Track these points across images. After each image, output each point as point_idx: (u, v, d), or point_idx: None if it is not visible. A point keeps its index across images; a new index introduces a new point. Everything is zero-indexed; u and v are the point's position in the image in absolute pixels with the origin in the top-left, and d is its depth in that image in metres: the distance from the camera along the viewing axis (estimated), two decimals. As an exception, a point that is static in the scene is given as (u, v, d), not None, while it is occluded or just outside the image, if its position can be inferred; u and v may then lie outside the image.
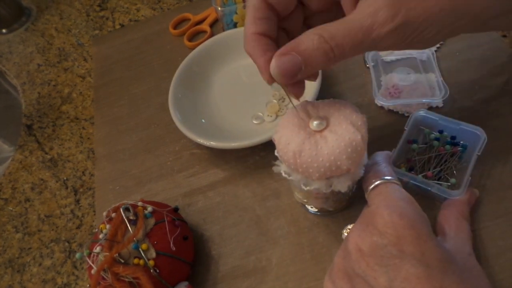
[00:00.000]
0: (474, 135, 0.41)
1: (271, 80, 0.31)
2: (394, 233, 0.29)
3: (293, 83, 0.32)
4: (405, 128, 0.43)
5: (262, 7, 0.32)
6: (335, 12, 0.34)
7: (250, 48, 0.32)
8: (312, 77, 0.35)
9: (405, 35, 0.29)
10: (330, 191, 0.33)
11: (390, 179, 0.34)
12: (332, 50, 0.29)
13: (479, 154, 0.39)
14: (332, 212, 0.42)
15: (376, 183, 0.34)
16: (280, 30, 0.35)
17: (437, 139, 0.43)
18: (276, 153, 0.35)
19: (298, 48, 0.29)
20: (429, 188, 0.39)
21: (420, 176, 0.40)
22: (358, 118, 0.33)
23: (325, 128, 0.32)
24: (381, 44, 0.29)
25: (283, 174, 0.34)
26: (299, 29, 0.36)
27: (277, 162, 0.36)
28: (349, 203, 0.42)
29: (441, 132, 0.43)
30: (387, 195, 0.32)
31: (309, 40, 0.29)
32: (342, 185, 0.33)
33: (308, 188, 0.33)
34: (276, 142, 0.34)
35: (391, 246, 0.29)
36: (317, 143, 0.32)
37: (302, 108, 0.34)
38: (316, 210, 0.42)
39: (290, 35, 0.36)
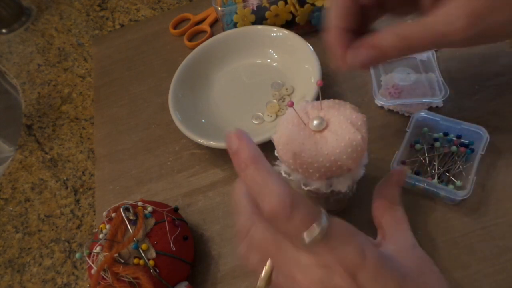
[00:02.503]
0: (477, 135, 0.41)
1: (346, 67, 0.36)
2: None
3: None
4: (407, 130, 0.43)
5: (347, 3, 0.35)
6: (409, 7, 0.37)
7: (332, 40, 0.36)
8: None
9: (476, 42, 0.31)
10: (330, 191, 0.33)
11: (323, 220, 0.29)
12: (406, 48, 0.33)
13: (482, 153, 0.40)
14: (333, 212, 0.42)
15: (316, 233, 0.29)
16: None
17: (438, 139, 0.43)
18: (276, 154, 0.35)
19: (377, 44, 0.33)
20: (437, 191, 0.39)
21: (428, 180, 0.40)
22: (358, 118, 0.32)
23: (325, 128, 0.32)
24: (450, 47, 0.32)
25: (283, 174, 0.34)
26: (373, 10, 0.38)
27: (276, 162, 0.36)
28: (349, 203, 0.42)
29: (446, 134, 0.43)
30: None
31: (387, 38, 0.33)
32: (342, 185, 0.33)
33: (308, 188, 0.33)
34: (275, 143, 0.34)
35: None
36: (317, 143, 0.32)
37: (302, 109, 0.34)
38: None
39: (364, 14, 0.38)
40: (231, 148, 0.30)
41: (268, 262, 0.31)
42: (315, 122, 0.32)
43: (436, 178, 0.41)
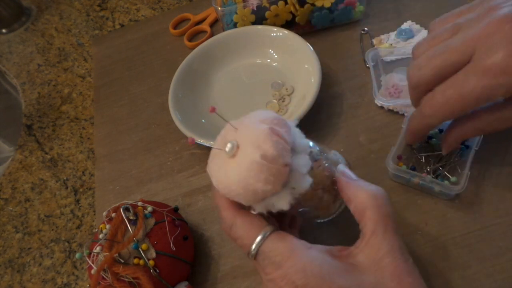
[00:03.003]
0: None
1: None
2: None
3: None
4: (403, 126, 0.43)
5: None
6: None
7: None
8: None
9: None
10: (277, 209, 0.31)
11: (267, 232, 0.31)
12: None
13: (476, 149, 0.40)
14: (331, 215, 0.39)
15: (255, 246, 0.31)
16: None
17: (433, 136, 0.43)
18: None
19: (463, 137, 0.38)
20: (432, 186, 0.39)
21: (422, 175, 0.40)
22: (259, 132, 0.29)
23: (237, 150, 0.30)
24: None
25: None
26: None
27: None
28: (341, 203, 0.38)
29: (441, 131, 0.43)
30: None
31: (471, 132, 0.37)
32: (283, 203, 0.30)
33: (257, 210, 0.31)
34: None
35: None
36: (227, 172, 0.30)
37: (221, 136, 0.33)
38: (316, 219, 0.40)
39: None
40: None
41: None
42: (227, 147, 0.30)
43: (431, 173, 0.41)
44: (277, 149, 0.28)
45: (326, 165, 0.34)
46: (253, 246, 0.30)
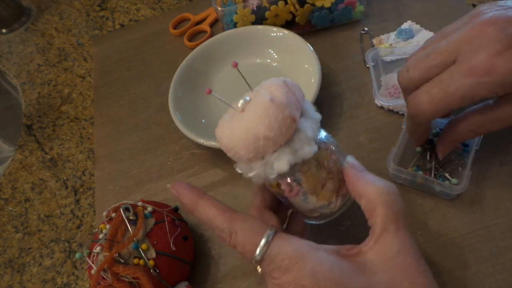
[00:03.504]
0: None
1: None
2: None
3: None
4: (402, 126, 0.43)
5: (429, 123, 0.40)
6: None
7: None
8: None
9: None
10: (298, 173, 0.31)
11: (270, 232, 0.30)
12: (484, 133, 0.38)
13: (477, 148, 0.40)
14: (327, 217, 0.36)
15: (259, 252, 0.29)
16: None
17: (437, 135, 0.43)
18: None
19: (457, 140, 0.39)
20: (433, 186, 0.39)
21: (423, 176, 0.40)
22: (273, 82, 0.31)
23: (248, 104, 0.31)
24: None
25: (238, 170, 0.32)
26: None
27: (235, 165, 0.33)
28: (343, 204, 0.36)
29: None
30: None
31: (465, 134, 0.37)
32: (282, 162, 0.29)
33: (249, 174, 0.31)
34: (216, 136, 0.32)
35: None
36: (234, 120, 0.30)
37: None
38: (314, 218, 0.37)
39: None
40: (179, 199, 0.34)
41: None
42: (240, 102, 0.31)
43: (432, 173, 0.41)
44: (286, 97, 0.29)
45: (334, 148, 0.33)
46: (257, 252, 0.29)
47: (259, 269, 0.33)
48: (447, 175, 0.41)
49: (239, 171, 0.32)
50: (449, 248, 0.38)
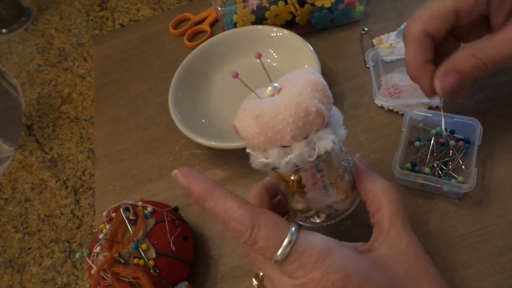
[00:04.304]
0: (470, 127, 0.42)
1: (433, 95, 0.38)
2: None
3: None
4: (403, 129, 0.43)
5: (423, 40, 0.37)
6: (479, 25, 0.39)
7: (416, 75, 0.39)
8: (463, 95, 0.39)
9: None
10: (322, 163, 0.30)
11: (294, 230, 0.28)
12: (486, 65, 0.34)
13: (479, 144, 0.40)
14: (339, 216, 0.37)
15: (287, 245, 0.27)
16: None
17: (440, 134, 0.43)
18: (247, 150, 0.32)
19: (457, 68, 0.35)
20: (441, 186, 0.39)
21: (431, 177, 0.40)
22: (308, 69, 0.32)
23: (280, 90, 0.31)
24: None
25: (260, 160, 0.30)
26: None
27: (250, 156, 0.32)
28: (354, 199, 0.36)
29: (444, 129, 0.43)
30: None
31: (465, 60, 0.35)
32: (326, 142, 0.29)
33: (290, 157, 0.29)
34: (236, 126, 0.31)
35: None
36: (275, 98, 0.30)
37: (259, 91, 0.33)
38: (320, 218, 0.37)
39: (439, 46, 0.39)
40: (183, 188, 0.30)
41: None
42: (268, 88, 0.31)
43: (437, 173, 0.41)
44: (325, 83, 0.30)
45: (347, 150, 0.34)
46: (284, 245, 0.27)
47: (255, 283, 0.33)
48: (452, 172, 0.41)
49: (265, 160, 0.30)
50: (449, 248, 0.38)
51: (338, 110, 0.32)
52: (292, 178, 0.31)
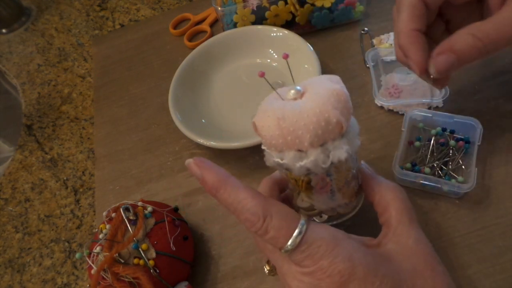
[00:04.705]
0: (470, 127, 0.42)
1: (424, 73, 0.35)
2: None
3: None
4: (403, 129, 0.43)
5: (419, 5, 0.35)
6: (474, 6, 0.37)
7: (407, 43, 0.35)
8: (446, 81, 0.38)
9: None
10: (333, 168, 0.31)
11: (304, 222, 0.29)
12: (486, 46, 0.32)
13: (479, 144, 0.40)
14: (340, 218, 0.38)
15: (297, 235, 0.28)
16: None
17: (440, 134, 0.43)
18: (262, 146, 0.33)
19: (454, 48, 0.33)
20: (441, 186, 0.39)
21: (431, 177, 0.40)
22: (333, 77, 0.32)
23: (303, 94, 0.31)
24: None
25: (275, 160, 0.31)
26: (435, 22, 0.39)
27: (265, 153, 0.33)
28: (357, 204, 0.38)
29: (444, 130, 0.44)
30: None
31: (463, 40, 0.33)
32: (340, 151, 0.30)
33: (305, 162, 0.30)
34: (256, 123, 0.31)
35: None
36: (298, 103, 0.30)
37: (281, 91, 0.33)
38: (321, 218, 0.38)
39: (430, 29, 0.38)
40: (197, 177, 0.31)
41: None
42: (291, 91, 0.31)
43: (437, 173, 0.41)
44: (348, 94, 0.30)
45: (357, 157, 0.35)
46: (294, 235, 0.28)
47: (267, 268, 0.33)
48: (452, 173, 0.41)
49: (280, 161, 0.30)
50: (449, 248, 0.38)
51: (356, 121, 0.33)
52: (302, 179, 0.32)
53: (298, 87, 0.31)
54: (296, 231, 0.28)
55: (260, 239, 0.30)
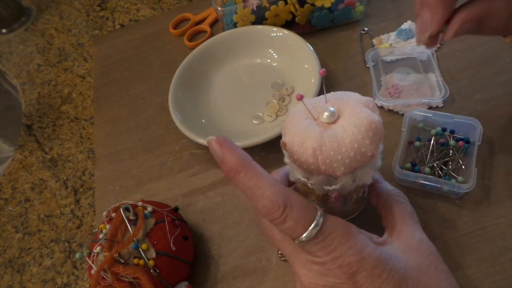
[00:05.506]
0: (470, 127, 0.42)
1: (438, 27, 0.32)
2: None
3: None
4: (402, 130, 0.43)
5: None
6: None
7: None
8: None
9: None
10: (354, 187, 0.31)
11: (320, 214, 0.29)
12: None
13: (479, 144, 0.40)
14: (345, 217, 0.39)
15: (314, 226, 0.29)
16: None
17: (440, 134, 0.43)
18: (286, 160, 0.32)
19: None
20: (441, 186, 0.39)
21: (431, 175, 0.40)
22: (368, 101, 0.31)
23: (337, 119, 0.30)
24: None
25: (302, 179, 0.31)
26: None
27: (289, 166, 0.33)
28: (364, 203, 0.39)
29: (444, 130, 0.43)
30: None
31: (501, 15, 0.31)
32: (367, 176, 0.30)
33: (333, 187, 0.30)
34: (288, 145, 0.31)
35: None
36: (336, 133, 0.29)
37: (308, 104, 0.32)
38: None
39: None
40: (216, 156, 0.30)
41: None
42: (325, 114, 0.30)
43: (437, 173, 0.41)
44: (381, 121, 0.30)
45: None
46: (311, 227, 0.28)
47: (280, 254, 0.34)
48: (452, 173, 0.41)
49: (306, 181, 0.31)
50: (449, 248, 0.38)
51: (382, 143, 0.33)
52: (320, 194, 0.33)
53: (332, 109, 0.30)
54: (314, 223, 0.28)
55: (274, 227, 0.30)
